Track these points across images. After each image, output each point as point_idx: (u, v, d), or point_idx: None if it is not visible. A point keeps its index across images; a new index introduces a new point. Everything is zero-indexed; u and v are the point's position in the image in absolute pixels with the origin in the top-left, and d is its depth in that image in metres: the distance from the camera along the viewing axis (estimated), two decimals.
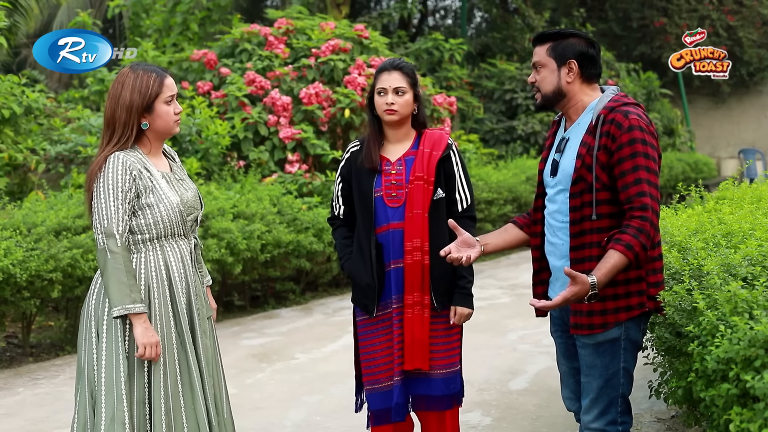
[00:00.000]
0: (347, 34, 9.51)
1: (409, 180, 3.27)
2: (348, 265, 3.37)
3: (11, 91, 7.13)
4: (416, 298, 3.26)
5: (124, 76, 2.89)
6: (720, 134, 19.82)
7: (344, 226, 3.45)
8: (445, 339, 3.33)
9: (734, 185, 4.68)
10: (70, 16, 12.83)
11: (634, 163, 2.66)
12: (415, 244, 3.25)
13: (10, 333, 6.46)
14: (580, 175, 2.73)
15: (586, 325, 2.75)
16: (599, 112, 2.74)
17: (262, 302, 7.67)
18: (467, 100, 12.97)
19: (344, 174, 3.40)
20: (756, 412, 2.21)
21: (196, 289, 2.98)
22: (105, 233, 2.79)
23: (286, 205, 7.35)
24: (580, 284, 2.57)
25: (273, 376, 5.41)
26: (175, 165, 3.07)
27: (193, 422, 2.87)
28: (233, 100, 8.37)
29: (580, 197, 2.74)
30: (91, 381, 2.82)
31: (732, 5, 18.22)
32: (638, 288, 2.74)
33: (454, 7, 19.98)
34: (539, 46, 2.85)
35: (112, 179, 2.80)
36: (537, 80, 2.85)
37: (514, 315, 6.84)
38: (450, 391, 3.34)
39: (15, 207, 6.19)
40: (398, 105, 3.27)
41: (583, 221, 2.74)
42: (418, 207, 3.25)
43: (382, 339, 3.31)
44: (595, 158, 2.70)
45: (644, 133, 2.68)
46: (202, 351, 2.95)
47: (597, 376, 2.78)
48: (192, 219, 3.00)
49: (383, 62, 3.38)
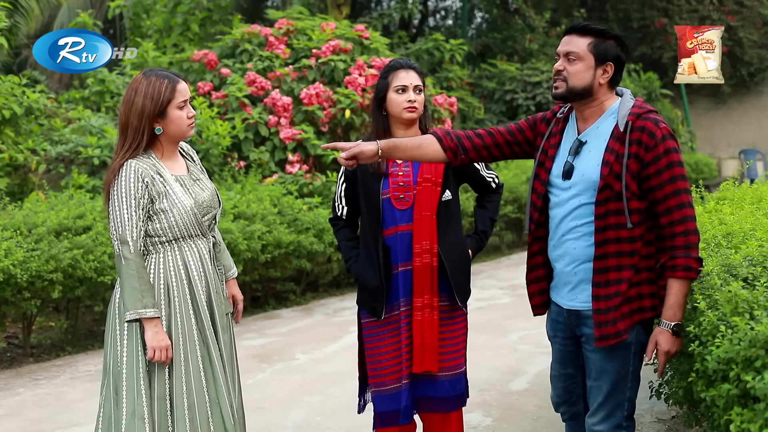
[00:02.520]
0: (348, 34, 9.51)
1: (417, 182, 3.26)
2: (355, 267, 3.35)
3: (12, 91, 7.13)
4: (426, 301, 3.25)
5: (137, 82, 2.95)
6: (720, 135, 19.82)
7: (348, 227, 3.45)
8: (452, 341, 3.33)
9: (735, 186, 4.68)
10: (71, 16, 12.84)
11: (671, 173, 2.64)
12: (423, 246, 3.25)
13: (10, 333, 6.46)
14: (607, 183, 2.67)
15: (612, 334, 2.70)
16: (627, 119, 2.69)
17: (263, 303, 7.67)
18: (468, 101, 12.96)
19: (348, 176, 3.38)
20: (756, 413, 2.21)
21: (215, 287, 3.05)
22: (120, 240, 2.88)
23: (287, 206, 7.35)
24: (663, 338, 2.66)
25: (273, 377, 5.41)
26: (193, 165, 3.13)
27: (218, 416, 2.95)
28: (234, 100, 8.37)
29: (605, 205, 2.68)
30: (115, 376, 2.91)
31: (732, 6, 18.23)
32: (650, 290, 2.73)
33: (454, 8, 19.99)
34: (579, 36, 2.74)
35: (125, 187, 2.88)
36: (568, 71, 2.73)
37: (514, 315, 6.84)
38: (455, 393, 3.34)
39: (15, 207, 6.19)
40: (419, 102, 3.28)
41: (608, 230, 2.69)
42: (426, 209, 3.24)
43: (389, 342, 3.30)
44: (625, 166, 2.65)
45: (676, 142, 2.68)
46: (223, 346, 3.02)
47: (607, 380, 2.76)
48: (210, 218, 3.06)
49: (394, 61, 3.36)
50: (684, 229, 2.64)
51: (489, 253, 10.59)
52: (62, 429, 4.50)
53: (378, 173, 3.28)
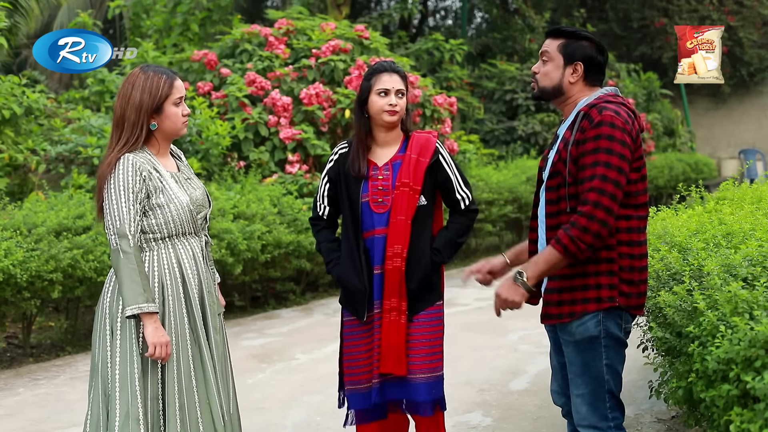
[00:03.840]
0: (347, 34, 9.51)
1: (395, 186, 3.28)
2: (337, 270, 3.36)
3: (12, 91, 7.13)
4: (393, 304, 3.27)
5: (134, 76, 2.92)
6: (720, 135, 19.83)
7: (328, 228, 3.46)
8: (427, 344, 3.33)
9: (734, 186, 4.68)
10: (71, 16, 12.83)
11: (594, 158, 2.67)
12: (395, 250, 3.26)
13: (10, 333, 6.46)
14: (556, 169, 2.78)
15: (555, 314, 2.80)
16: (581, 109, 2.78)
17: (263, 303, 7.67)
18: (468, 101, 12.97)
19: (332, 176, 3.40)
20: (756, 413, 2.21)
21: (208, 286, 3.03)
22: (118, 234, 2.82)
23: (287, 206, 7.35)
24: (505, 284, 2.74)
25: (273, 377, 5.41)
26: (182, 164, 3.11)
27: (207, 417, 2.91)
28: (233, 100, 8.37)
29: (557, 191, 2.78)
30: (105, 378, 2.86)
31: (732, 6, 18.23)
32: (609, 281, 2.74)
33: (454, 8, 20.00)
34: (552, 39, 2.88)
35: (123, 181, 2.83)
36: (540, 71, 2.89)
37: (514, 315, 6.77)
38: (431, 397, 3.33)
39: (15, 207, 6.19)
40: (400, 106, 3.30)
41: (560, 215, 2.78)
42: (401, 213, 3.25)
43: (364, 341, 3.34)
44: (568, 153, 2.74)
45: (614, 129, 2.67)
46: (214, 346, 2.99)
47: (580, 373, 2.81)
48: (202, 217, 3.04)
49: (378, 64, 3.37)
50: (582, 210, 2.67)
51: (489, 253, 10.58)
52: (62, 429, 4.50)
53: (359, 176, 3.29)
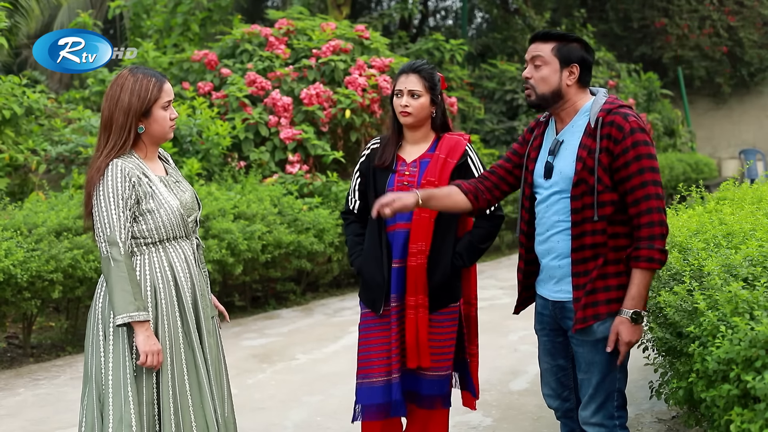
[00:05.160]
0: (348, 34, 9.52)
1: (421, 183, 3.31)
2: (358, 262, 3.41)
3: (12, 91, 7.13)
4: (419, 300, 3.30)
5: (123, 78, 2.86)
6: (721, 135, 19.82)
7: (357, 222, 3.51)
8: (439, 342, 3.36)
9: (735, 186, 4.68)
10: (71, 16, 12.84)
11: (639, 165, 2.71)
12: (419, 247, 3.30)
13: (10, 333, 6.46)
14: (581, 177, 2.77)
15: (580, 318, 2.79)
16: (597, 115, 2.78)
17: (263, 303, 7.67)
18: (468, 101, 12.96)
19: (363, 169, 3.47)
20: (757, 413, 2.21)
21: (201, 289, 2.99)
22: (108, 242, 2.78)
23: (287, 206, 7.35)
24: (623, 328, 2.71)
25: (274, 377, 5.41)
26: (170, 167, 3.07)
27: (201, 421, 2.89)
28: (234, 100, 8.37)
29: (581, 199, 2.78)
30: (99, 384, 2.83)
31: (733, 6, 18.22)
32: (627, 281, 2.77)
33: (454, 8, 19.98)
34: (542, 43, 2.86)
35: (112, 187, 2.79)
36: (534, 77, 2.85)
37: (514, 315, 6.82)
38: (438, 392, 3.37)
39: (16, 208, 6.19)
40: (412, 107, 3.32)
41: (584, 223, 2.78)
42: (425, 211, 3.27)
43: (380, 335, 3.35)
44: (597, 161, 2.74)
45: (645, 134, 2.74)
46: (207, 350, 2.96)
47: (596, 372, 2.82)
48: (192, 220, 3.01)
49: (404, 64, 3.45)
50: (649, 220, 2.71)
51: (489, 253, 10.58)
52: (62, 429, 4.50)
53: (386, 168, 3.35)
